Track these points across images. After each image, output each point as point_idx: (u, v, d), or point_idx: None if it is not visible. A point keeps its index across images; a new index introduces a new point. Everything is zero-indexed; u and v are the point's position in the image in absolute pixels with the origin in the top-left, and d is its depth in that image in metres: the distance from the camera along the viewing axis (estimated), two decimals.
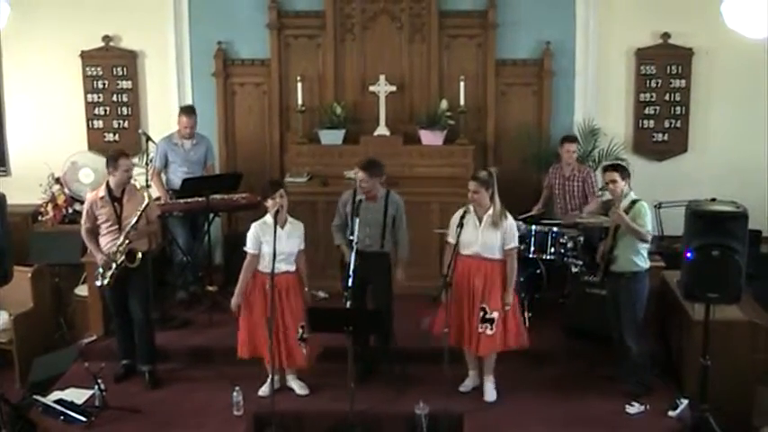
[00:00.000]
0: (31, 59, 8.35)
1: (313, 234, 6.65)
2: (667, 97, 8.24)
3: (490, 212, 5.88)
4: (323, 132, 8.12)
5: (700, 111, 8.25)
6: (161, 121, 8.20)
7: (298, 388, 6.18)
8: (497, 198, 5.90)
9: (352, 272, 5.76)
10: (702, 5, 7.83)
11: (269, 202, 5.85)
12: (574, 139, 7.62)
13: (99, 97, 8.40)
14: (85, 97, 8.41)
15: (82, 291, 7.24)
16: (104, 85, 8.38)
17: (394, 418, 5.88)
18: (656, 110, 8.27)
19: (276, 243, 5.72)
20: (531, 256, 7.03)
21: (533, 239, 7.01)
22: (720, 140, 8.24)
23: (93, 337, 6.93)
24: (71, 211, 8.01)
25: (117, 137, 8.46)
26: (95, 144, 8.43)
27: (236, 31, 8.27)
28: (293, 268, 5.98)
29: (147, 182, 6.87)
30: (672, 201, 7.45)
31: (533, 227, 7.05)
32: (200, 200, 7.21)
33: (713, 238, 5.36)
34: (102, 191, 6.16)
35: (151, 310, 6.39)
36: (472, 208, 5.90)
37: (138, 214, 6.06)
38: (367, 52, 8.27)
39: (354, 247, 5.87)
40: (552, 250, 6.98)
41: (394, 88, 8.08)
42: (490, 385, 6.08)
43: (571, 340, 6.77)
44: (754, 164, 8.06)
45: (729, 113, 8.19)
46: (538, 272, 7.20)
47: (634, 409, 5.92)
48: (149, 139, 7.31)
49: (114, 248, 6.10)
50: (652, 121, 8.29)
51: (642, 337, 6.12)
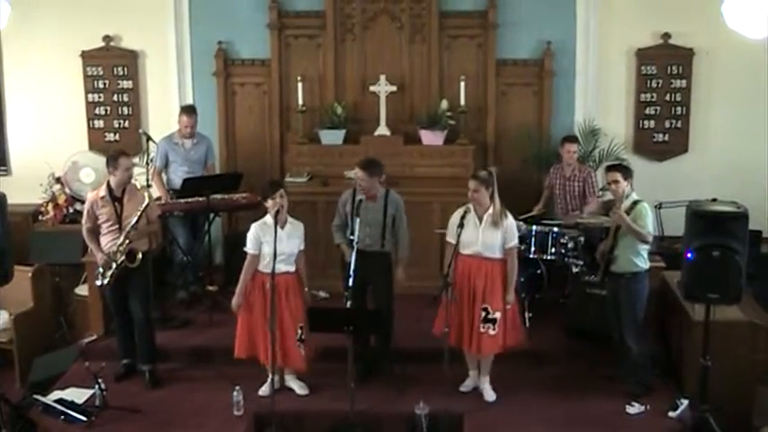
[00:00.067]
0: (31, 59, 8.35)
1: (313, 234, 6.64)
2: (668, 97, 8.24)
3: (490, 212, 5.88)
4: (323, 132, 8.12)
5: (700, 111, 8.25)
6: (161, 120, 8.21)
7: (298, 388, 6.17)
8: (497, 197, 5.89)
9: (353, 272, 5.76)
10: (703, 5, 7.83)
11: (269, 202, 5.84)
12: (574, 140, 7.62)
13: (99, 97, 8.41)
14: (86, 97, 8.42)
15: (82, 290, 7.24)
16: (105, 84, 8.38)
17: (394, 418, 5.88)
18: (656, 110, 8.26)
19: (276, 243, 5.72)
20: (531, 256, 7.03)
21: (534, 240, 7.01)
22: (721, 141, 8.24)
23: (94, 337, 6.93)
24: (72, 210, 8.01)
25: (117, 137, 8.47)
26: (96, 144, 8.44)
27: (237, 31, 8.27)
28: (293, 269, 5.97)
29: (147, 181, 6.86)
30: (672, 201, 7.45)
31: (534, 227, 7.06)
32: (201, 200, 7.21)
33: (714, 238, 5.35)
34: (103, 190, 6.16)
35: (151, 309, 6.39)
36: (472, 207, 5.90)
37: (139, 214, 6.06)
38: (367, 52, 8.27)
39: (355, 247, 5.86)
40: (553, 250, 6.99)
41: (394, 88, 8.08)
42: (487, 386, 6.08)
43: (571, 340, 6.77)
44: (755, 164, 8.05)
45: (730, 114, 8.19)
46: (538, 272, 7.19)
47: (634, 409, 5.92)
48: (150, 138, 7.30)
49: (115, 248, 6.09)
50: (652, 122, 8.29)
51: (642, 338, 6.12)
